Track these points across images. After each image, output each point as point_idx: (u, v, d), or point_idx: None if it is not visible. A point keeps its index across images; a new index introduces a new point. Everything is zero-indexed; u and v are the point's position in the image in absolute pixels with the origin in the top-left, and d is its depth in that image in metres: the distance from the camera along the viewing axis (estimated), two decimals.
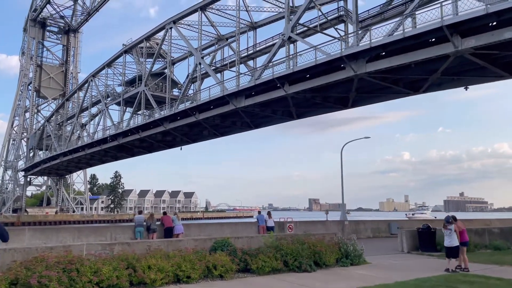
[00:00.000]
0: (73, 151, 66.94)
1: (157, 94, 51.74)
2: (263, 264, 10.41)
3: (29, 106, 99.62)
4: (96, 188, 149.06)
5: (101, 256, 8.63)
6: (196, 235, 16.45)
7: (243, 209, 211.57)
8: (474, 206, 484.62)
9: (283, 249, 11.18)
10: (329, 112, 37.77)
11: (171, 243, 10.25)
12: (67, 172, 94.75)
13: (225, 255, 10.21)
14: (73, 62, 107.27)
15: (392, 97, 32.90)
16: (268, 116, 40.24)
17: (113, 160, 70.97)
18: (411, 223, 25.53)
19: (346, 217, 23.01)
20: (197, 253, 9.86)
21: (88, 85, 66.47)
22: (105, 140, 56.67)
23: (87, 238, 14.05)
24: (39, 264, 7.88)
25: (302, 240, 11.71)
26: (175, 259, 9.20)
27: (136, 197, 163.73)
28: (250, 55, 44.54)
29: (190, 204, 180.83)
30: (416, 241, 15.79)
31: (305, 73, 29.78)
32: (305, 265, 11.06)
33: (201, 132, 48.19)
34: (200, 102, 39.25)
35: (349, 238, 12.77)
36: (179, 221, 16.20)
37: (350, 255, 12.23)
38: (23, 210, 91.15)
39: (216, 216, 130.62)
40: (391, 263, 12.94)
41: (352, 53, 25.97)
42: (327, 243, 12.01)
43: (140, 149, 59.25)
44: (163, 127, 45.83)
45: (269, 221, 18.68)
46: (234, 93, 35.49)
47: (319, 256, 11.65)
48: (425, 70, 26.56)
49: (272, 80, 31.39)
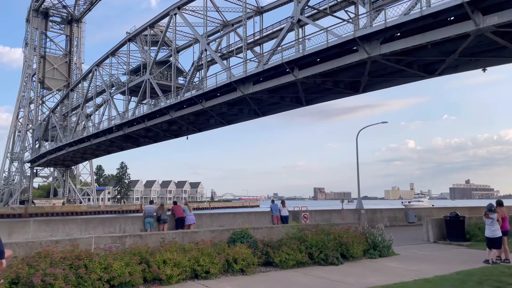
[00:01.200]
0: (79, 141, 66.42)
1: (162, 82, 50.85)
2: (286, 257, 9.58)
3: (33, 98, 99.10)
4: (102, 179, 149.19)
5: (112, 250, 7.84)
6: (208, 225, 15.74)
7: (249, 198, 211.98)
8: (480, 194, 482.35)
9: (308, 241, 10.33)
10: (339, 97, 36.75)
11: (187, 234, 9.46)
12: (73, 163, 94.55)
13: (245, 247, 9.39)
14: (76, 52, 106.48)
15: (405, 81, 31.80)
16: (276, 103, 39.27)
17: (119, 150, 70.44)
18: (429, 211, 24.70)
19: (362, 206, 22.20)
20: (215, 246, 9.04)
21: (92, 75, 65.70)
22: (110, 130, 56.01)
23: (95, 230, 13.36)
24: (43, 261, 7.08)
25: (327, 230, 10.88)
26: (192, 253, 8.37)
27: (142, 187, 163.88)
28: (256, 41, 43.41)
29: (196, 194, 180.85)
30: (443, 230, 14.94)
31: (315, 56, 28.73)
32: (331, 257, 10.22)
33: (208, 120, 47.35)
34: (206, 89, 38.32)
35: (374, 227, 11.92)
36: (190, 211, 15.47)
37: (378, 246, 11.39)
38: (30, 201, 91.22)
39: (223, 206, 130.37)
40: (421, 254, 12.10)
41: (366, 34, 24.86)
42: (353, 234, 11.19)
43: (146, 139, 58.56)
44: (169, 115, 45.03)
45: (283, 210, 17.90)
46: (242, 79, 34.52)
47: (346, 248, 10.81)
48: (441, 51, 25.42)
49: (281, 64, 30.38)
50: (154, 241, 8.83)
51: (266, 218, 17.51)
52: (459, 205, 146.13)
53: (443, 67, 27.54)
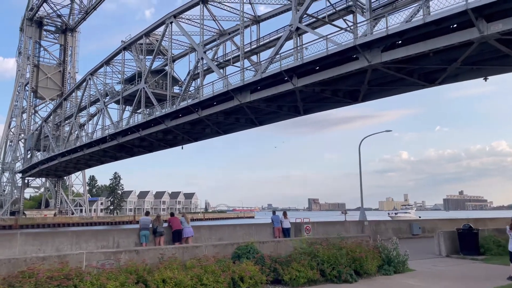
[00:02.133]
0: (72, 151, 65.32)
1: (158, 91, 50.17)
2: (297, 275, 8.81)
3: (26, 107, 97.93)
4: (95, 189, 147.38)
5: (105, 268, 7.04)
6: (207, 238, 14.94)
7: (243, 209, 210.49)
8: (474, 205, 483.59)
9: (319, 256, 9.56)
10: (337, 107, 36.28)
11: (187, 249, 8.67)
12: (65, 173, 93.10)
13: (251, 264, 8.62)
14: (70, 62, 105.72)
15: (405, 90, 31.42)
16: (273, 112, 38.72)
17: (112, 160, 69.38)
18: (434, 223, 24.07)
19: (366, 217, 21.50)
20: (219, 262, 8.24)
21: (86, 84, 64.92)
22: (104, 140, 55.07)
23: (87, 244, 12.53)
24: (27, 281, 6.22)
25: (338, 244, 10.15)
26: (194, 270, 7.55)
27: (136, 198, 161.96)
28: (253, 50, 43.05)
29: (191, 205, 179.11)
30: (455, 243, 14.25)
31: (314, 65, 28.27)
32: (345, 274, 9.46)
33: (204, 130, 46.64)
34: (203, 98, 37.70)
35: (386, 240, 11.21)
36: (188, 223, 14.67)
37: (393, 262, 10.66)
38: (21, 212, 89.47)
39: (217, 217, 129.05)
40: (437, 270, 11.39)
41: (367, 42, 24.45)
42: (366, 248, 10.46)
43: (140, 149, 57.63)
44: (164, 125, 44.27)
45: (284, 222, 17.15)
46: (239, 87, 33.97)
47: (360, 264, 10.05)
48: (443, 60, 25.06)
49: (279, 73, 29.88)
50: (152, 257, 8.03)
51: (267, 230, 16.76)
52: (452, 216, 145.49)
53: (444, 76, 27.17)
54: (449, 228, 24.47)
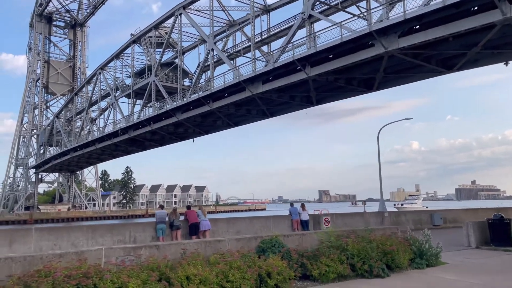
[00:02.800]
0: (84, 146, 65.52)
1: (168, 84, 49.86)
2: (326, 270, 8.31)
3: (38, 103, 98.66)
4: (107, 184, 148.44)
5: (125, 265, 6.66)
6: (224, 231, 14.57)
7: (254, 202, 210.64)
8: (487, 194, 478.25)
9: (348, 250, 9.07)
10: (351, 96, 35.52)
11: (210, 244, 8.24)
12: (78, 168, 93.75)
13: (278, 258, 8.23)
14: (80, 57, 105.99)
15: (422, 77, 30.58)
16: (285, 103, 38.13)
17: (124, 155, 69.47)
18: (455, 214, 23.38)
19: (385, 208, 20.94)
20: (244, 257, 7.80)
21: (97, 78, 64.86)
22: (115, 134, 55.04)
23: (102, 238, 12.23)
24: (43, 280, 5.85)
25: (367, 237, 9.65)
26: (219, 266, 7.17)
27: (147, 192, 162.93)
28: (264, 40, 42.38)
29: (202, 198, 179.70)
30: (485, 234, 13.69)
31: (328, 53, 27.58)
32: (376, 268, 8.93)
33: (215, 122, 46.27)
34: (214, 89, 37.24)
35: (417, 231, 10.66)
36: (205, 216, 14.30)
37: (425, 255, 10.13)
38: (36, 207, 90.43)
39: (229, 210, 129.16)
40: (471, 263, 10.84)
41: (383, 28, 23.69)
42: (396, 241, 9.92)
43: (151, 142, 57.50)
44: (175, 118, 43.97)
45: (303, 214, 16.70)
46: (251, 78, 33.41)
47: (391, 257, 9.49)
48: (463, 44, 24.21)
49: (292, 62, 29.25)
50: (174, 253, 7.63)
51: (285, 222, 16.32)
52: (463, 206, 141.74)
53: (463, 62, 26.29)
54: (471, 218, 23.78)
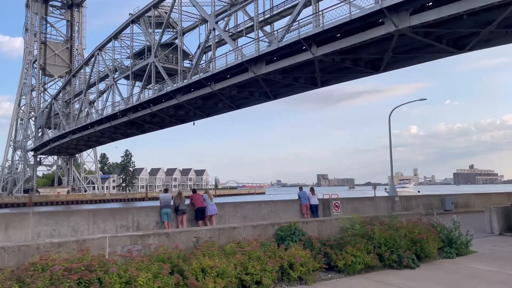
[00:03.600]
0: (82, 128, 64.63)
1: (168, 66, 48.75)
2: (353, 260, 7.59)
3: (35, 85, 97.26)
4: (106, 167, 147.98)
5: (132, 256, 5.90)
6: (231, 216, 13.92)
7: (253, 186, 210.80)
8: (484, 179, 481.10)
9: (375, 238, 8.32)
10: (357, 77, 34.62)
11: (224, 231, 7.49)
12: (77, 151, 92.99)
13: (300, 247, 7.57)
14: (78, 38, 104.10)
15: (431, 58, 29.64)
16: (289, 85, 37.19)
17: (123, 137, 68.63)
18: (466, 198, 22.76)
19: (396, 193, 20.23)
20: (264, 247, 7.08)
21: (95, 60, 63.57)
22: (114, 116, 54.12)
23: (104, 224, 11.56)
24: (40, 275, 5.07)
25: (393, 224, 8.92)
26: (237, 257, 6.44)
27: (147, 175, 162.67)
28: (267, 20, 41.14)
29: (201, 181, 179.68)
30: (509, 220, 13.06)
31: (336, 31, 26.56)
32: (406, 259, 8.19)
33: (216, 104, 45.33)
34: (216, 70, 36.24)
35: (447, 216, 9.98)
36: (211, 200, 13.62)
37: (455, 243, 9.45)
38: (35, 190, 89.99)
39: (229, 194, 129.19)
40: (502, 251, 10.15)
41: (394, 4, 22.64)
42: (425, 228, 9.20)
43: (151, 125, 56.62)
44: (175, 100, 43.03)
45: (312, 198, 16.03)
46: (254, 58, 32.41)
47: (421, 246, 8.73)
48: (477, 23, 23.24)
49: (298, 41, 28.23)
50: (185, 241, 6.87)
51: (294, 207, 15.67)
52: (461, 190, 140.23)
53: (475, 41, 25.33)
54: (483, 203, 23.19)
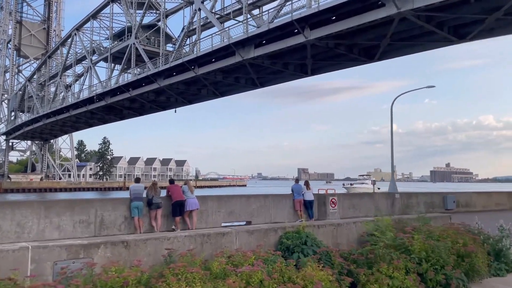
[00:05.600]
0: (57, 112, 61.29)
1: (149, 48, 46.09)
2: (389, 283, 5.55)
3: (9, 66, 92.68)
4: (84, 154, 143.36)
5: (67, 277, 3.81)
6: (215, 211, 11.90)
7: (234, 178, 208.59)
8: (460, 177, 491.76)
9: (413, 251, 6.29)
10: (350, 66, 32.85)
11: (209, 239, 5.36)
12: (51, 136, 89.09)
13: (315, 265, 5.52)
14: (55, 18, 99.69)
15: (430, 47, 28.05)
16: (277, 72, 35.17)
17: (101, 123, 65.52)
18: (467, 197, 21.24)
19: (397, 189, 18.51)
20: (267, 263, 5.05)
21: (72, 40, 60.26)
22: (91, 100, 51.14)
23: (59, 218, 9.39)
24: None
25: (433, 232, 6.90)
26: (229, 282, 4.27)
27: (126, 164, 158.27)
28: (255, 3, 38.85)
29: (182, 172, 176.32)
30: None
31: (332, 13, 24.65)
32: (455, 281, 6.26)
33: (199, 91, 43.00)
34: (200, 53, 33.95)
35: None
36: (192, 192, 11.52)
37: (505, 257, 7.60)
38: (6, 176, 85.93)
39: (210, 185, 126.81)
40: None
41: None
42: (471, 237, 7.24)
43: (130, 111, 53.82)
44: (156, 84, 40.51)
45: (307, 193, 14.05)
46: (242, 41, 30.28)
47: (470, 263, 6.74)
48: (484, 8, 21.70)
49: (290, 23, 26.21)
50: (153, 253, 4.75)
51: (286, 202, 13.73)
52: (437, 187, 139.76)
53: (478, 30, 23.75)
54: (484, 202, 21.76)
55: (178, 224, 11.06)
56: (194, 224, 11.09)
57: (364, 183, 77.92)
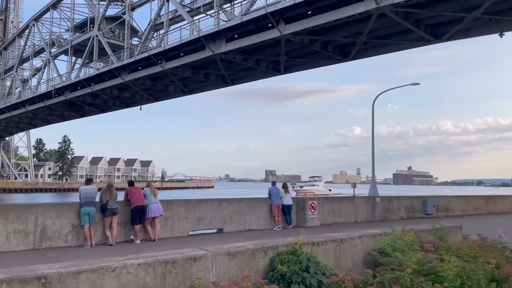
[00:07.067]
0: (12, 107, 57.33)
1: (113, 41, 43.62)
2: None
3: None
4: (43, 153, 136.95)
5: None
6: (183, 217, 10.31)
7: (202, 179, 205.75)
8: (421, 180, 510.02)
9: (442, 275, 4.71)
10: (324, 64, 31.89)
11: (174, 267, 3.74)
12: (7, 134, 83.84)
13: None
14: (14, 9, 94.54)
15: (405, 46, 27.48)
16: (249, 69, 33.86)
17: (60, 121, 61.86)
18: (446, 201, 20.46)
19: (377, 193, 17.52)
20: None
21: (30, 31, 56.60)
22: (49, 95, 47.92)
23: None
24: None
25: (461, 250, 5.49)
26: None
27: (88, 164, 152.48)
28: None
29: (147, 173, 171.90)
30: None
31: (308, 7, 23.51)
32: None
33: (167, 87, 40.99)
34: (168, 46, 32.08)
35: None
36: (155, 196, 9.85)
37: None
38: None
39: (176, 187, 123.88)
40: None
41: None
42: (498, 252, 6.05)
43: (92, 107, 50.84)
44: (120, 78, 38.20)
45: (285, 197, 12.59)
46: (212, 34, 28.70)
47: None
48: (463, 7, 21.24)
49: (264, 16, 24.89)
50: None
51: (262, 207, 12.29)
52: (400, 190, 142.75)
53: (455, 30, 23.30)
54: (463, 206, 21.13)
55: (138, 234, 9.43)
56: (157, 233, 9.50)
57: (315, 185, 76.58)
